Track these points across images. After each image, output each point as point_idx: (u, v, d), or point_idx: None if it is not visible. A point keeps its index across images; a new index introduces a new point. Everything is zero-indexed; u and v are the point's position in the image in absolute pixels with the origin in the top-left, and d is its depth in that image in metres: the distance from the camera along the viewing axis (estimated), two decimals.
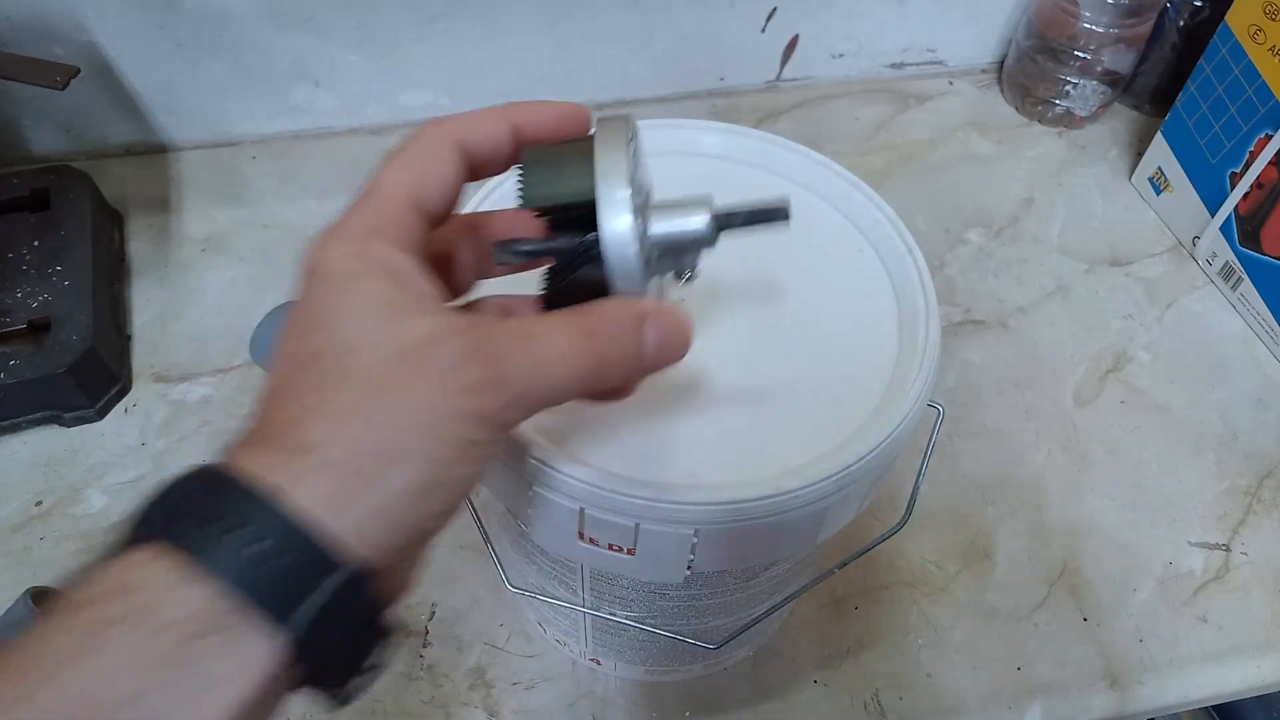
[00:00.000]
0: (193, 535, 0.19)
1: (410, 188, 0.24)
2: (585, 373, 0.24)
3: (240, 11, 0.66)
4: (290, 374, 0.22)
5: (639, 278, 0.24)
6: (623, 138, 0.25)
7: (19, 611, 0.43)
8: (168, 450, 0.56)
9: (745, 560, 0.35)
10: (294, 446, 0.21)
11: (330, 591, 0.20)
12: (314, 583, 0.20)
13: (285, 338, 0.23)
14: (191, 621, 0.19)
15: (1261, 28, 0.61)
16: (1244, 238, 0.65)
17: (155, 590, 0.19)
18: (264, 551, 0.19)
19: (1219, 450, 0.60)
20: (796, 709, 0.48)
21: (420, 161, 0.25)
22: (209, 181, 0.71)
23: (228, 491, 0.20)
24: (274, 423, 0.22)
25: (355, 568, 0.20)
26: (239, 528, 0.19)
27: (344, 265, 0.23)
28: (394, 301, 0.22)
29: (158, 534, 0.20)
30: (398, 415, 0.21)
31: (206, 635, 0.19)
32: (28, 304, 0.56)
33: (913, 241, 0.38)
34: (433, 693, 0.48)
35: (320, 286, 0.23)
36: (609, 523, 0.31)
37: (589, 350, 0.24)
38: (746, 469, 0.31)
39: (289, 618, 0.19)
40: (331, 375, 0.21)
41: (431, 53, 0.72)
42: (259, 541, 0.19)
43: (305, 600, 0.20)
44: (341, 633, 0.21)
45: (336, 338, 0.22)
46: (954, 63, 0.85)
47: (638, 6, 0.72)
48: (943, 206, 0.73)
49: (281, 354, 0.23)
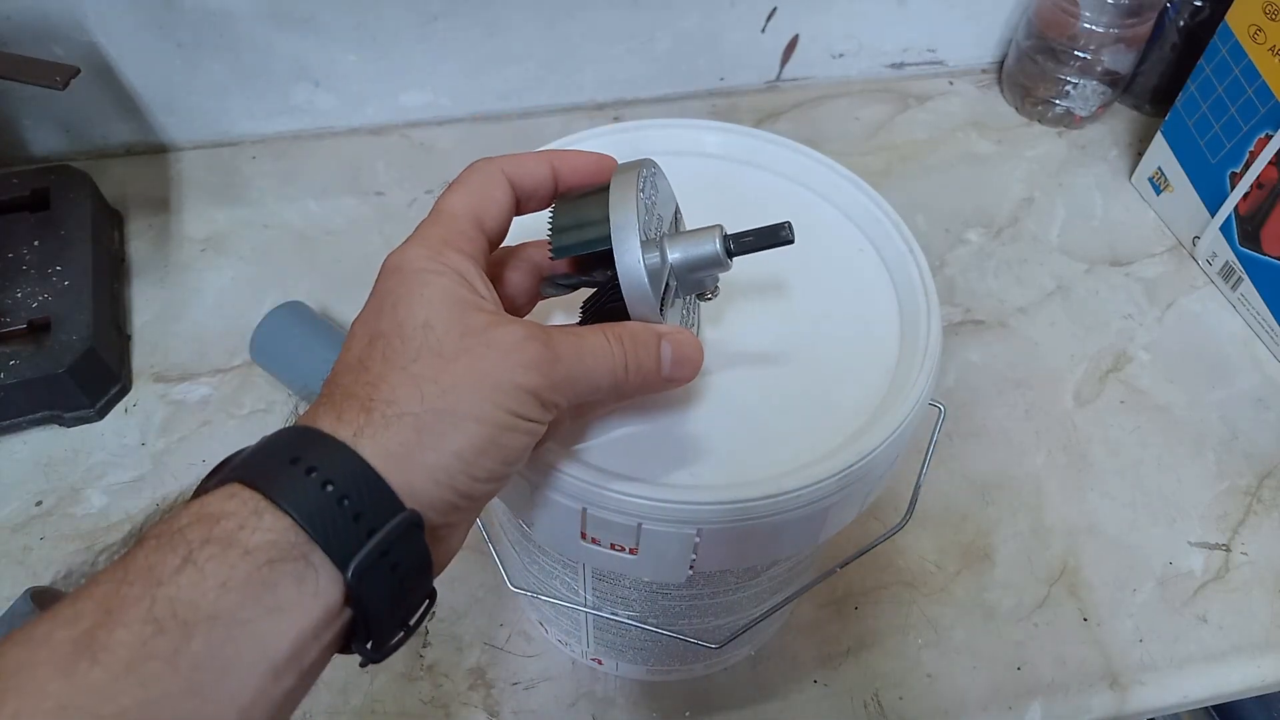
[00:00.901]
0: (270, 475, 0.22)
1: (471, 209, 0.28)
2: (617, 373, 0.27)
3: (240, 11, 0.66)
4: (365, 348, 0.25)
5: (653, 307, 0.28)
6: (632, 187, 0.29)
7: (19, 611, 0.43)
8: (168, 450, 0.56)
9: (747, 560, 0.35)
10: (370, 401, 0.23)
11: (392, 530, 0.22)
12: (376, 525, 0.22)
13: (360, 322, 0.26)
14: (268, 549, 0.21)
15: (1261, 28, 0.61)
16: (1244, 238, 0.65)
17: (238, 519, 0.21)
18: (335, 492, 0.22)
19: (1219, 450, 0.60)
20: (796, 709, 0.48)
21: (479, 188, 0.29)
22: (209, 181, 0.71)
23: (308, 439, 0.23)
24: (350, 385, 0.24)
25: (410, 514, 0.23)
26: (312, 470, 0.22)
27: (421, 264, 0.26)
28: (463, 295, 0.26)
29: (239, 475, 0.23)
30: (463, 381, 0.24)
31: (280, 562, 0.21)
32: (28, 304, 0.56)
33: (914, 241, 0.38)
34: (433, 693, 0.48)
35: (399, 278, 0.26)
36: (611, 522, 0.31)
37: (620, 353, 0.27)
38: (748, 468, 0.31)
39: (351, 555, 0.22)
40: (408, 345, 0.24)
41: (431, 53, 0.72)
42: (330, 483, 0.22)
43: (370, 540, 0.22)
44: (392, 580, 0.23)
45: (414, 315, 0.25)
46: (954, 63, 0.85)
47: (638, 6, 0.72)
48: (943, 206, 0.73)
49: (355, 334, 0.26)
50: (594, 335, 0.27)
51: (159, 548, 0.21)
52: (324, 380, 0.26)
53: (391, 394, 0.23)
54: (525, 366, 0.25)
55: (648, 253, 0.28)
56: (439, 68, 0.73)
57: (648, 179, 0.30)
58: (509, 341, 0.25)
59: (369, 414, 0.23)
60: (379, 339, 0.25)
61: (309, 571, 0.22)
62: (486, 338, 0.25)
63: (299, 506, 0.22)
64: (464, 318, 0.25)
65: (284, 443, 0.23)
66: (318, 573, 0.22)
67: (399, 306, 0.25)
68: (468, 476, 0.24)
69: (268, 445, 0.24)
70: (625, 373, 0.27)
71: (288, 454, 0.23)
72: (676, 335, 0.29)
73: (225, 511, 0.21)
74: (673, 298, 0.30)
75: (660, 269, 0.29)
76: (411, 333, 0.25)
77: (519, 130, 0.76)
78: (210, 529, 0.21)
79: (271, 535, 0.21)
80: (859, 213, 0.40)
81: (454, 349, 0.24)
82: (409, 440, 0.23)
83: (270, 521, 0.21)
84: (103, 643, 0.19)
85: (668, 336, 0.29)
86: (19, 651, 0.19)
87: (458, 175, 0.29)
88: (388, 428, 0.23)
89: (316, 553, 0.22)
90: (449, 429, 0.23)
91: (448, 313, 0.25)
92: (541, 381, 0.25)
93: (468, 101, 0.76)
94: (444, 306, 0.25)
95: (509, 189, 0.29)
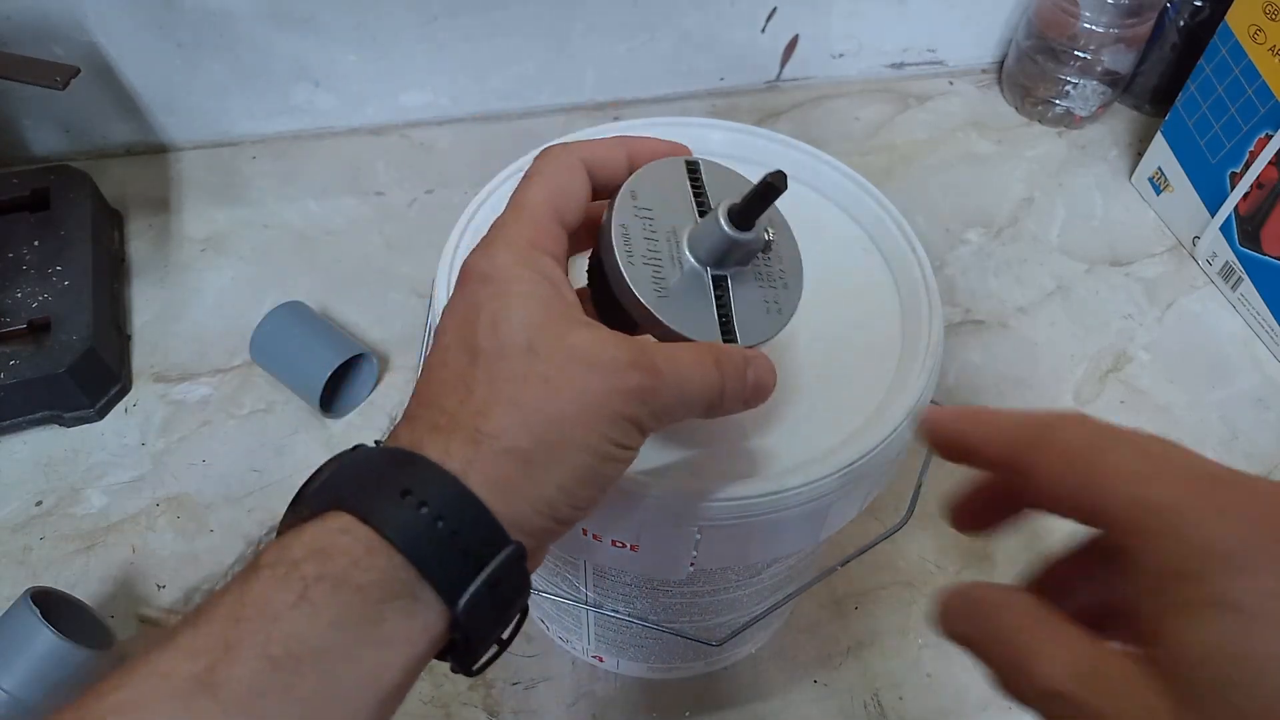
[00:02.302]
0: (382, 510, 0.22)
1: (551, 202, 0.27)
2: (710, 397, 0.26)
3: (240, 11, 0.66)
4: (463, 367, 0.24)
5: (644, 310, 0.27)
6: (626, 194, 0.28)
7: (19, 612, 0.43)
8: (168, 450, 0.56)
9: (748, 557, 0.35)
10: (477, 433, 0.23)
11: (500, 565, 0.23)
12: (486, 560, 0.23)
13: (454, 333, 0.25)
14: (379, 587, 0.21)
15: (1261, 28, 0.61)
16: (1244, 238, 0.66)
17: (352, 556, 0.22)
18: (445, 528, 0.22)
19: (1219, 450, 0.60)
20: (796, 709, 0.48)
21: (557, 179, 0.28)
22: (209, 181, 0.71)
23: (415, 469, 0.23)
24: (452, 410, 0.24)
25: (517, 548, 0.23)
26: (424, 504, 0.22)
27: (512, 271, 0.25)
28: (559, 310, 0.25)
29: (349, 503, 0.22)
30: (569, 413, 0.23)
31: (391, 600, 0.22)
32: (28, 304, 0.56)
33: (916, 240, 0.38)
34: (433, 693, 0.48)
35: (490, 289, 0.25)
36: (613, 519, 0.31)
37: (716, 377, 0.26)
38: (749, 465, 0.31)
39: (461, 590, 0.22)
40: (512, 371, 0.24)
41: (431, 53, 0.72)
42: (442, 519, 0.22)
43: (477, 576, 0.22)
44: (495, 608, 0.23)
45: (515, 337, 0.24)
46: (954, 63, 0.85)
47: (638, 6, 0.72)
48: (943, 206, 0.73)
49: (448, 346, 0.25)
50: (691, 358, 0.26)
51: (275, 580, 0.21)
52: (419, 385, 0.25)
53: (499, 427, 0.23)
54: (629, 395, 0.24)
55: (639, 254, 0.27)
56: (439, 68, 0.73)
57: (655, 175, 0.29)
58: (612, 366, 0.24)
59: (477, 446, 0.23)
60: (480, 357, 0.24)
61: (417, 606, 0.22)
62: (589, 360, 0.24)
63: (412, 545, 0.22)
64: (564, 336, 0.24)
65: (393, 472, 0.23)
66: (426, 607, 0.22)
67: (498, 324, 0.24)
68: (569, 506, 0.24)
69: (376, 470, 0.23)
70: (720, 399, 0.26)
71: (397, 485, 0.23)
72: (760, 360, 0.28)
73: (338, 548, 0.22)
74: (687, 288, 0.28)
75: (665, 266, 0.28)
76: (515, 356, 0.24)
77: (519, 130, 0.76)
78: (324, 565, 0.21)
79: (382, 574, 0.22)
80: (862, 211, 0.40)
81: (558, 375, 0.24)
82: (516, 473, 0.23)
83: (383, 561, 0.22)
84: (221, 679, 0.20)
85: (754, 361, 0.28)
86: (145, 686, 0.20)
87: (533, 162, 0.28)
88: (495, 461, 0.23)
89: (426, 588, 0.22)
90: (555, 462, 0.23)
91: (547, 332, 0.24)
92: (644, 411, 0.25)
93: (468, 101, 0.76)
94: (544, 328, 0.24)
95: (586, 179, 0.28)
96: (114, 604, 0.50)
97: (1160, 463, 0.20)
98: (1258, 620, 0.17)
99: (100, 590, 0.50)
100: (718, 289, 0.28)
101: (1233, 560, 0.17)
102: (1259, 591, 0.17)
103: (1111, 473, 0.20)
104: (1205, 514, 0.18)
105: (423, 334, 0.44)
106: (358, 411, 0.58)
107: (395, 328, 0.62)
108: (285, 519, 0.24)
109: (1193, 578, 0.18)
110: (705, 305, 0.28)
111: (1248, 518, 0.18)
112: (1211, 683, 0.17)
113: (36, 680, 0.42)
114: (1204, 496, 0.18)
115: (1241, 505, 0.18)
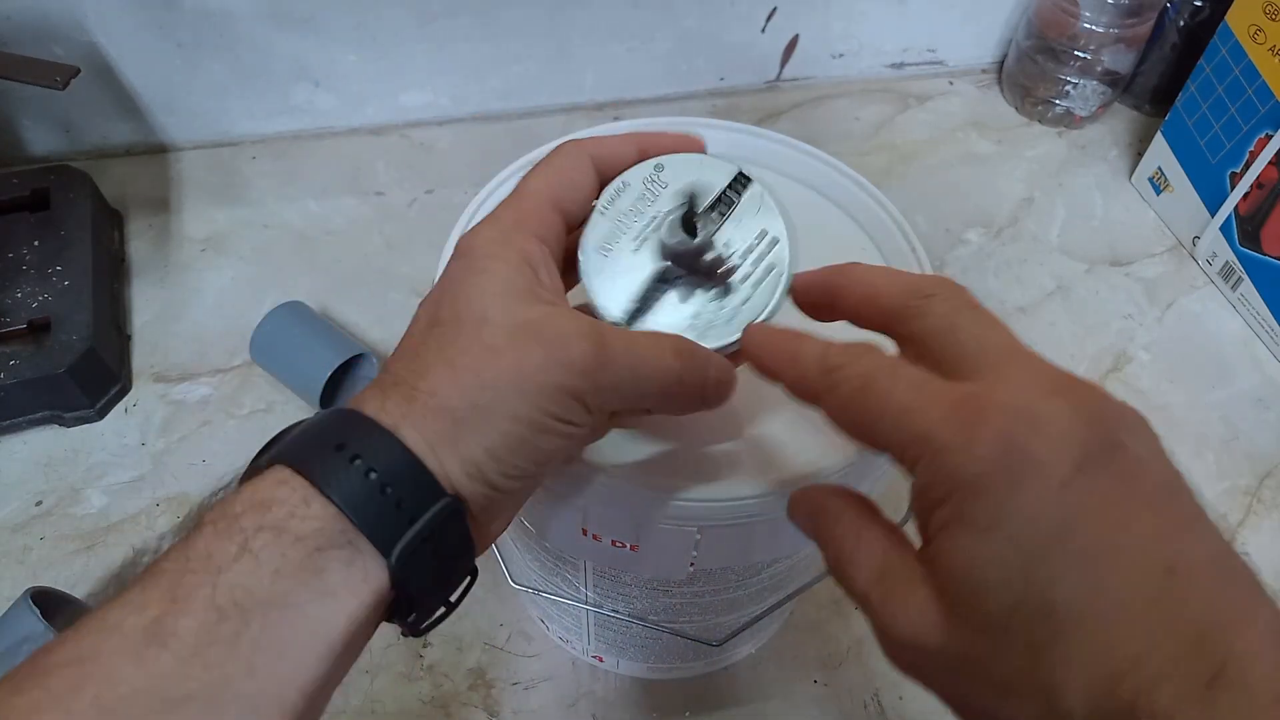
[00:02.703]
0: (317, 461, 0.23)
1: (550, 190, 0.28)
2: (667, 384, 0.26)
3: (240, 11, 0.66)
4: (421, 335, 0.25)
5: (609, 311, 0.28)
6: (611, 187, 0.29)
7: (19, 612, 0.43)
8: (168, 450, 0.56)
9: (748, 557, 0.35)
10: (414, 390, 0.24)
11: (433, 517, 0.23)
12: (419, 512, 0.23)
13: (424, 305, 0.26)
14: (316, 536, 0.22)
15: (1261, 28, 0.61)
16: (1244, 238, 0.66)
17: (288, 506, 0.22)
18: (377, 480, 0.23)
19: (1219, 450, 0.60)
20: (796, 709, 0.48)
21: (560, 170, 0.28)
22: (209, 181, 0.71)
23: (353, 425, 0.24)
24: (400, 372, 0.25)
25: (451, 501, 0.24)
26: (358, 456, 0.23)
27: (488, 248, 0.26)
28: (524, 284, 0.25)
29: (287, 458, 0.23)
30: (504, 379, 0.24)
31: (329, 549, 0.22)
32: (28, 304, 0.56)
33: (916, 240, 0.38)
34: (433, 693, 0.48)
35: (463, 263, 0.26)
36: (612, 519, 0.31)
37: (673, 364, 0.26)
38: (748, 466, 0.31)
39: (394, 541, 0.23)
40: (460, 338, 0.24)
41: (431, 53, 0.72)
42: (374, 470, 0.23)
43: (412, 525, 0.23)
44: (434, 563, 0.24)
45: (472, 307, 0.25)
46: (954, 63, 0.85)
47: (638, 6, 0.72)
48: (943, 206, 0.73)
49: (418, 318, 0.26)
50: (649, 342, 0.26)
51: (217, 534, 0.22)
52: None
53: (435, 385, 0.24)
54: (569, 367, 0.24)
55: (616, 210, 0.29)
56: (439, 68, 0.73)
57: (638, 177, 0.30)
58: (558, 339, 0.24)
59: (412, 403, 0.24)
60: (436, 326, 0.25)
61: (356, 557, 0.22)
62: (536, 332, 0.24)
63: (344, 495, 0.22)
64: (520, 309, 0.25)
65: (331, 428, 0.24)
66: (365, 558, 0.23)
67: (458, 296, 0.25)
68: (499, 473, 0.24)
69: (315, 427, 0.24)
70: (678, 387, 0.26)
71: (334, 440, 0.23)
72: (718, 360, 0.28)
73: (276, 499, 0.22)
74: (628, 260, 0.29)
75: (626, 234, 0.29)
76: (467, 325, 0.25)
77: (519, 130, 0.76)
78: (263, 516, 0.22)
79: (319, 523, 0.22)
80: (861, 211, 0.40)
81: (503, 344, 0.24)
82: (446, 431, 0.24)
83: (318, 509, 0.22)
84: (170, 629, 0.20)
85: (715, 359, 0.28)
86: (95, 639, 0.20)
87: (544, 156, 0.29)
88: (427, 417, 0.24)
89: (362, 540, 0.23)
90: (483, 424, 0.24)
91: (504, 304, 0.25)
92: (585, 385, 0.24)
93: (468, 101, 0.76)
94: (501, 298, 0.25)
95: (592, 172, 0.29)
96: None
97: (928, 394, 0.22)
98: (992, 533, 0.20)
99: (100, 590, 0.50)
100: (658, 280, 0.29)
101: (975, 485, 0.20)
102: (994, 511, 0.20)
103: (883, 408, 0.22)
104: (957, 443, 0.21)
105: None
106: None
107: (395, 328, 0.62)
108: (239, 481, 0.25)
109: (945, 500, 0.21)
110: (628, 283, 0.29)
111: (994, 444, 0.20)
112: (964, 586, 0.21)
113: None
114: (962, 427, 0.21)
115: (992, 433, 0.20)
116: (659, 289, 0.29)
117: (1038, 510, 0.20)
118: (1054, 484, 0.20)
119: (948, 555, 0.21)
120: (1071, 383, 0.22)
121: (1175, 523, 0.20)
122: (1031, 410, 0.21)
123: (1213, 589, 0.19)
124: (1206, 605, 0.19)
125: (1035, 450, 0.20)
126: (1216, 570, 0.19)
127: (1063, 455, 0.20)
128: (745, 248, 0.29)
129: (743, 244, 0.29)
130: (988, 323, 0.24)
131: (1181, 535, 0.20)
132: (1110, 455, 0.20)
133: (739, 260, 0.29)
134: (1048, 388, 0.21)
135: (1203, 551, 0.20)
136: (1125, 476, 0.20)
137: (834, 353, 0.24)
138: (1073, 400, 0.21)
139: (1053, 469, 0.20)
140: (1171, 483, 0.21)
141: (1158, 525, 0.20)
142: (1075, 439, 0.20)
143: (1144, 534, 0.19)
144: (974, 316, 0.24)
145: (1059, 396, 0.21)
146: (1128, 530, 0.19)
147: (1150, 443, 0.21)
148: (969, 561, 0.20)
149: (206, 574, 0.21)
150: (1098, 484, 0.20)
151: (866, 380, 0.23)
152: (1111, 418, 0.21)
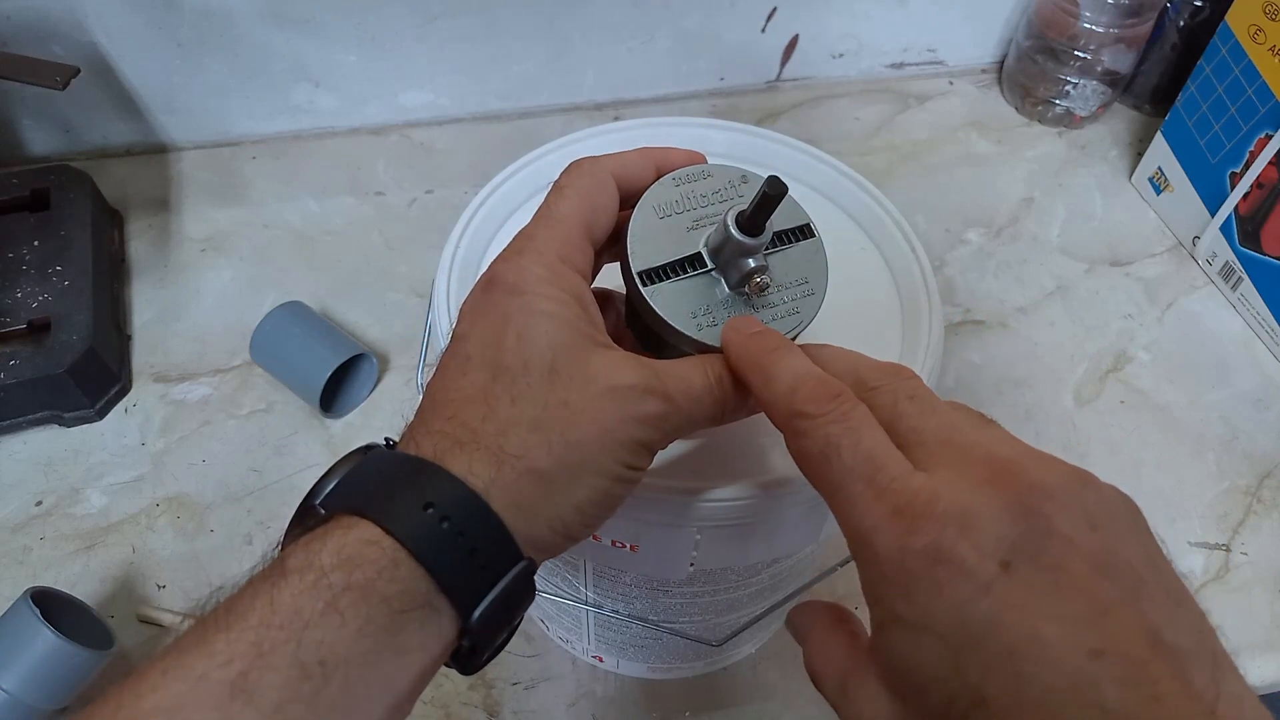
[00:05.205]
0: (406, 519, 0.23)
1: (583, 216, 0.28)
2: (717, 413, 0.27)
3: (240, 11, 0.66)
4: (486, 382, 0.25)
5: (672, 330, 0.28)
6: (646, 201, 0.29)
7: (19, 612, 0.43)
8: (168, 450, 0.56)
9: (747, 557, 0.35)
10: (500, 452, 0.24)
11: (509, 583, 0.24)
12: (500, 574, 0.24)
13: (476, 340, 0.26)
14: (401, 598, 0.22)
15: (1261, 28, 0.61)
16: (1244, 238, 0.66)
17: (377, 566, 0.22)
18: (466, 543, 0.23)
19: (1219, 450, 0.60)
20: (796, 709, 0.48)
21: (588, 194, 0.28)
22: (209, 181, 0.71)
23: (438, 483, 0.24)
24: (474, 426, 0.25)
25: (529, 564, 0.24)
26: (446, 519, 0.23)
27: (540, 287, 0.26)
28: (583, 328, 0.26)
29: (372, 511, 0.23)
30: (588, 437, 0.24)
31: (410, 610, 0.23)
32: (28, 304, 0.56)
33: (916, 239, 0.38)
34: (433, 693, 0.48)
35: (518, 301, 0.26)
36: (613, 519, 0.30)
37: (720, 395, 0.27)
38: (750, 466, 0.31)
39: (476, 603, 0.23)
40: (533, 391, 0.25)
41: (431, 53, 0.72)
42: (463, 535, 0.23)
43: (492, 590, 0.24)
44: (504, 618, 0.24)
45: (539, 355, 0.25)
46: (954, 63, 0.85)
47: (638, 6, 0.72)
48: (943, 206, 0.73)
49: (470, 356, 0.26)
50: (698, 376, 0.27)
51: (304, 587, 0.22)
52: (435, 388, 0.26)
53: (521, 447, 0.24)
54: (643, 422, 0.25)
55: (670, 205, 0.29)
56: (439, 68, 0.73)
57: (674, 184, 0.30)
58: (630, 394, 0.25)
59: (500, 467, 0.24)
60: (504, 374, 0.25)
61: (434, 616, 0.23)
62: (609, 387, 0.25)
63: (435, 559, 0.23)
64: (585, 358, 0.25)
65: (417, 484, 0.24)
66: (441, 616, 0.23)
67: (523, 341, 0.25)
68: (581, 525, 0.25)
69: (398, 478, 0.24)
70: (721, 414, 0.27)
71: (419, 497, 0.23)
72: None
73: (365, 558, 0.23)
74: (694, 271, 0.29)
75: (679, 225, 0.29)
76: (536, 376, 0.25)
77: (519, 130, 0.76)
78: (350, 574, 0.22)
79: (405, 585, 0.23)
80: (861, 212, 0.40)
81: (579, 401, 0.25)
82: (535, 493, 0.24)
83: (406, 572, 0.23)
84: (255, 685, 0.21)
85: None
86: (180, 688, 0.21)
87: (561, 175, 0.29)
88: (517, 481, 0.24)
89: (442, 599, 0.23)
90: (573, 484, 0.24)
91: (570, 354, 0.25)
92: (656, 435, 0.26)
93: (468, 101, 0.76)
94: (566, 347, 0.25)
95: (615, 192, 0.29)
96: (114, 604, 0.50)
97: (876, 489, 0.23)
98: (924, 634, 0.21)
99: (100, 590, 0.50)
100: (694, 261, 0.29)
101: (907, 590, 0.21)
102: (923, 613, 0.21)
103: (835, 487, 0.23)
104: (891, 551, 0.22)
105: (423, 334, 0.44)
106: (358, 411, 0.58)
107: (395, 328, 0.62)
108: (301, 517, 0.25)
109: (880, 600, 0.22)
110: (667, 247, 0.29)
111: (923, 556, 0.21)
112: (905, 679, 0.22)
113: (36, 680, 0.42)
114: (898, 535, 0.22)
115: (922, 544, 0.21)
116: (690, 268, 0.29)
117: (965, 613, 0.20)
118: (979, 585, 0.20)
119: (886, 652, 0.22)
120: (1008, 466, 0.22)
121: (1110, 601, 0.20)
122: (962, 512, 0.21)
123: (1137, 667, 0.19)
124: (1130, 685, 0.19)
125: (962, 556, 0.21)
126: (1149, 644, 0.19)
127: (988, 555, 0.20)
128: (784, 282, 0.29)
129: (784, 278, 0.29)
130: (928, 411, 0.24)
131: (1116, 612, 0.20)
132: (1040, 545, 0.20)
133: (774, 289, 0.29)
134: (983, 477, 0.22)
135: (1138, 625, 0.20)
136: (1053, 566, 0.20)
137: (802, 396, 0.25)
138: (1006, 490, 0.21)
139: (979, 571, 0.20)
140: (1111, 558, 0.21)
141: (1086, 609, 0.20)
142: (1002, 538, 0.21)
143: (1071, 619, 0.20)
144: (915, 407, 0.24)
145: (992, 487, 0.21)
146: (1053, 619, 0.20)
147: (1094, 517, 0.21)
148: (904, 659, 0.22)
149: (293, 629, 0.21)
150: (1023, 577, 0.20)
151: (828, 448, 0.24)
152: (1044, 502, 0.21)
